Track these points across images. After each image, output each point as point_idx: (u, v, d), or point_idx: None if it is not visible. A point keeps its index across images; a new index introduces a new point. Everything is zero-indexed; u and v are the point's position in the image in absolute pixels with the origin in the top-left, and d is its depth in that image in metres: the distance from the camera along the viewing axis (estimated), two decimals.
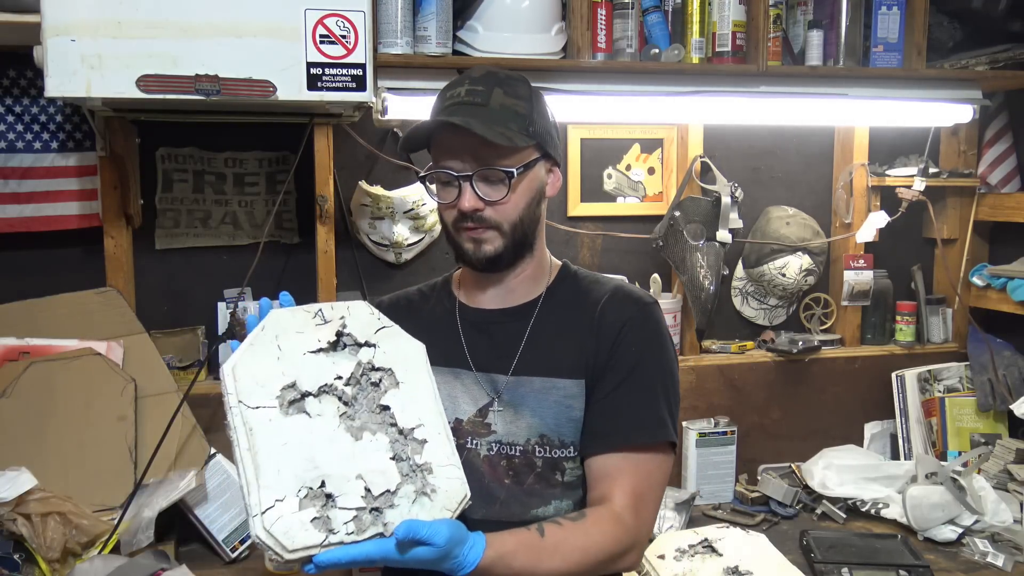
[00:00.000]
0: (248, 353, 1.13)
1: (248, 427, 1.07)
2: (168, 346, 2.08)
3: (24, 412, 1.81)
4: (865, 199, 2.48)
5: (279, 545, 1.01)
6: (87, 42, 1.57)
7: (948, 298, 2.57)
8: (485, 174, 1.27)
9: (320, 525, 1.02)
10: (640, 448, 1.29)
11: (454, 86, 1.32)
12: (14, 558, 1.63)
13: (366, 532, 1.04)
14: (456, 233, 1.33)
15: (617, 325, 1.32)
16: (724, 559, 1.90)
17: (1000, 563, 1.92)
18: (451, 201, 1.30)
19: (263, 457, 1.05)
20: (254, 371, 1.11)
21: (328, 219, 2.07)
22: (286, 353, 1.13)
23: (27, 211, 2.02)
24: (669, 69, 2.11)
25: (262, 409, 1.08)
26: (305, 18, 1.65)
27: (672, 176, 2.40)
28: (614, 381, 1.31)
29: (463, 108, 1.27)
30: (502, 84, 1.30)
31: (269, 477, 1.03)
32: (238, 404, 1.08)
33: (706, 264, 2.25)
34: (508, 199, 1.29)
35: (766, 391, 2.41)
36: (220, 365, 2.16)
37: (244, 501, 1.04)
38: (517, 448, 1.31)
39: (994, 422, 2.44)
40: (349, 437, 1.10)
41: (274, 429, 1.07)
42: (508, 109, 1.28)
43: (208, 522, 1.91)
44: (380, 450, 1.11)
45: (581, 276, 1.43)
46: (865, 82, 2.21)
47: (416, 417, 1.14)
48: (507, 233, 1.30)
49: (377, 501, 1.06)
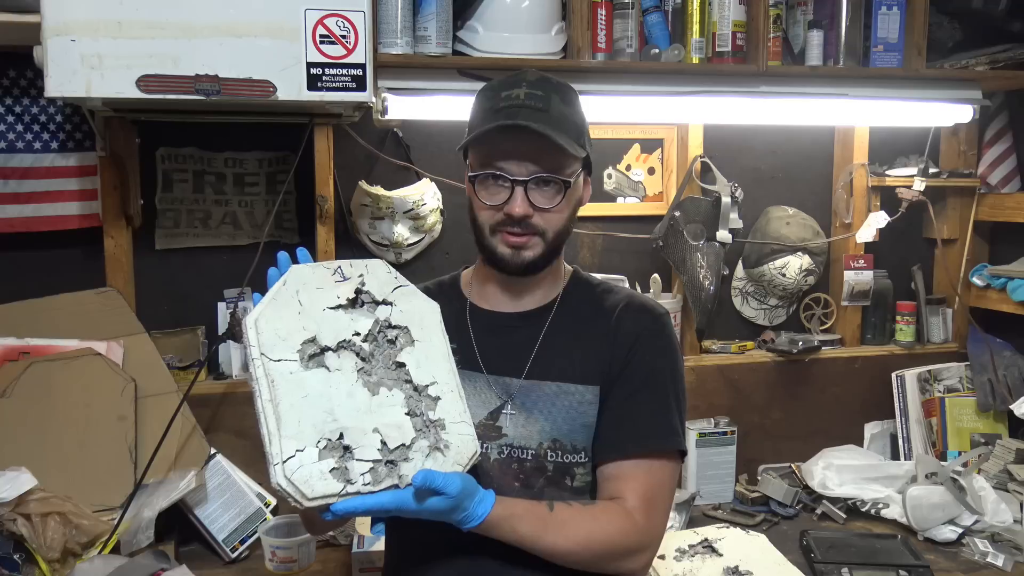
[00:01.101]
0: (270, 307, 1.15)
1: (270, 378, 1.10)
2: (168, 346, 2.08)
3: (24, 412, 1.81)
4: (865, 199, 2.48)
5: (299, 493, 1.05)
6: (87, 42, 1.57)
7: (948, 298, 2.57)
8: (544, 179, 1.27)
9: (338, 475, 1.07)
10: (652, 455, 1.31)
11: (507, 87, 1.29)
12: (14, 558, 1.63)
13: (382, 483, 1.09)
14: (492, 236, 1.31)
15: (633, 335, 1.34)
16: (724, 559, 1.90)
17: (1000, 563, 1.92)
18: (498, 204, 1.28)
19: (284, 408, 1.08)
20: (276, 324, 1.14)
21: (328, 219, 2.07)
22: (307, 308, 1.16)
23: (27, 211, 2.02)
24: (669, 69, 2.11)
25: (284, 362, 1.12)
26: (305, 18, 1.65)
27: (672, 176, 2.40)
28: (628, 389, 1.32)
29: (525, 111, 1.25)
30: (558, 91, 1.30)
31: (290, 427, 1.07)
32: (260, 356, 1.11)
33: (706, 264, 2.25)
34: (558, 208, 1.29)
35: (766, 391, 2.41)
36: (220, 364, 2.16)
37: (265, 449, 1.07)
38: (529, 452, 1.31)
39: (994, 422, 2.44)
40: (366, 392, 1.14)
41: (295, 382, 1.11)
42: (566, 118, 1.28)
43: (208, 522, 1.91)
44: (396, 405, 1.15)
45: (594, 283, 1.44)
46: (865, 82, 2.21)
47: (430, 375, 1.19)
48: (549, 241, 1.31)
49: (393, 454, 1.11)
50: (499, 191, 1.29)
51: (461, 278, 1.48)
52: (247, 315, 1.14)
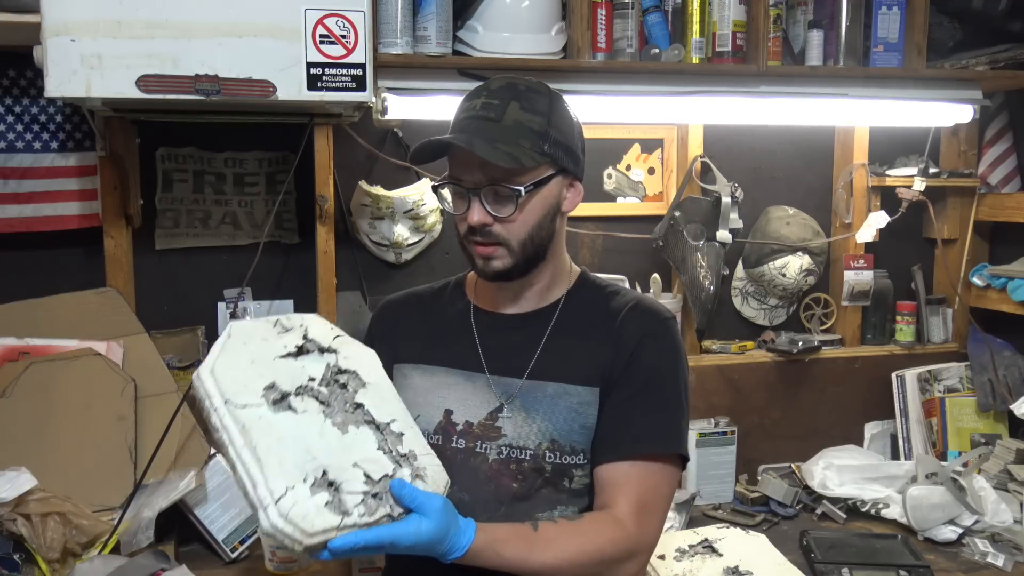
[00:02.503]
0: (222, 357, 1.13)
1: (240, 424, 1.07)
2: (168, 346, 2.08)
3: (24, 412, 1.81)
4: (865, 199, 2.48)
5: (298, 530, 1.01)
6: (87, 42, 1.57)
7: (948, 298, 2.57)
8: (494, 190, 1.26)
9: (334, 508, 1.04)
10: (649, 458, 1.29)
11: (473, 97, 1.30)
12: (14, 558, 1.63)
13: (376, 514, 1.06)
14: (466, 245, 1.32)
15: (636, 337, 1.33)
16: (724, 559, 1.90)
17: (1000, 563, 1.92)
18: (462, 213, 1.30)
19: (263, 451, 1.05)
20: (233, 373, 1.12)
21: (328, 219, 2.07)
22: (258, 357, 1.15)
23: (27, 211, 2.02)
24: (669, 69, 2.11)
25: (250, 407, 1.09)
26: (305, 18, 1.65)
27: (672, 176, 2.40)
28: (628, 391, 1.31)
29: (474, 123, 1.26)
30: (520, 98, 1.28)
31: (273, 468, 1.04)
32: (224, 404, 1.08)
33: (706, 264, 2.25)
34: (516, 217, 1.28)
35: (766, 391, 2.41)
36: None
37: (248, 498, 1.04)
38: (527, 452, 1.31)
39: (994, 422, 2.44)
40: (336, 431, 1.13)
41: (266, 425, 1.08)
42: (522, 125, 1.26)
43: (208, 522, 1.91)
44: (367, 441, 1.13)
45: (601, 285, 1.43)
46: (865, 82, 2.21)
47: (389, 413, 1.18)
48: (515, 251, 1.30)
49: (378, 486, 1.09)
50: (459, 201, 1.31)
51: (466, 280, 1.48)
52: (198, 369, 1.12)
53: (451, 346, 1.37)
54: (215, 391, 1.09)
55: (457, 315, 1.40)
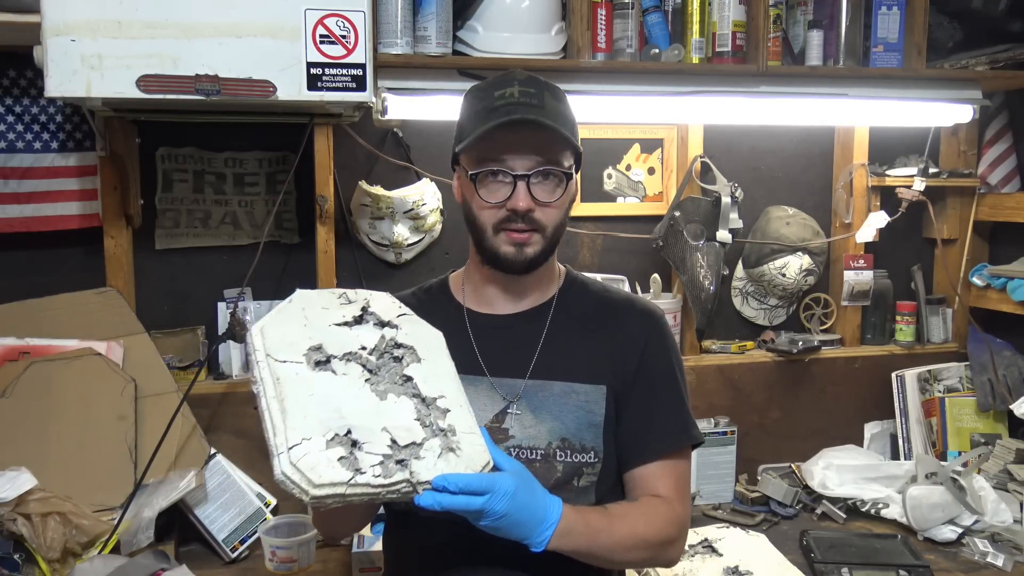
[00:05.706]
0: (276, 317, 1.16)
1: (275, 377, 1.09)
2: (168, 346, 2.08)
3: (24, 412, 1.81)
4: (865, 199, 2.48)
5: (305, 480, 1.00)
6: (87, 42, 1.57)
7: (948, 298, 2.57)
8: (545, 172, 1.27)
9: (347, 464, 1.03)
10: (675, 453, 1.36)
11: (499, 86, 1.29)
12: (14, 558, 1.63)
13: (393, 477, 1.04)
14: (495, 235, 1.30)
15: (642, 338, 1.37)
16: (724, 559, 1.90)
17: (1000, 563, 1.92)
18: (500, 201, 1.28)
19: (290, 404, 1.06)
20: (282, 331, 1.14)
21: (328, 219, 2.07)
22: (312, 322, 1.17)
23: (27, 211, 2.02)
24: (669, 69, 2.11)
25: (289, 363, 1.11)
26: (305, 18, 1.65)
27: (672, 176, 2.40)
28: (647, 393, 1.35)
29: (523, 108, 1.26)
30: (548, 89, 1.31)
31: (296, 420, 1.05)
32: (266, 358, 1.10)
33: (706, 264, 2.25)
34: (559, 202, 1.30)
35: (766, 391, 2.41)
36: (220, 364, 2.17)
37: (269, 445, 1.04)
38: (538, 452, 1.31)
39: (994, 422, 2.44)
40: (374, 396, 1.12)
41: (301, 381, 1.10)
42: (560, 114, 1.29)
43: (208, 522, 1.91)
44: (405, 410, 1.12)
45: (588, 282, 1.46)
46: (865, 82, 2.21)
47: (438, 389, 1.17)
48: (548, 237, 1.32)
49: (403, 452, 1.07)
50: (500, 187, 1.28)
51: (450, 282, 1.46)
52: (252, 324, 1.14)
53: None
54: (260, 346, 1.11)
55: (449, 319, 1.37)
